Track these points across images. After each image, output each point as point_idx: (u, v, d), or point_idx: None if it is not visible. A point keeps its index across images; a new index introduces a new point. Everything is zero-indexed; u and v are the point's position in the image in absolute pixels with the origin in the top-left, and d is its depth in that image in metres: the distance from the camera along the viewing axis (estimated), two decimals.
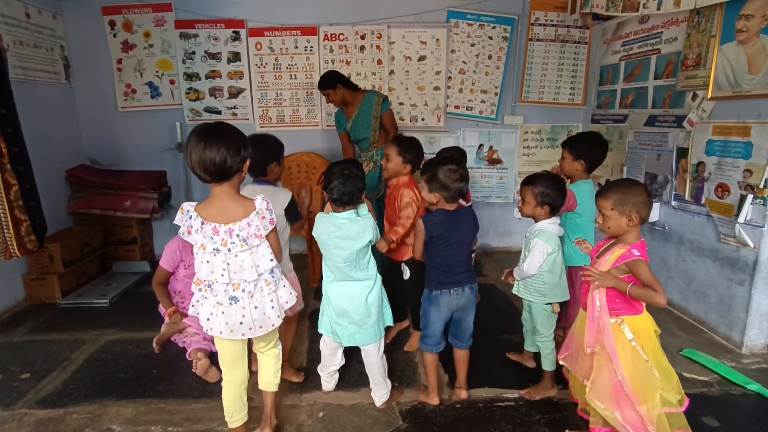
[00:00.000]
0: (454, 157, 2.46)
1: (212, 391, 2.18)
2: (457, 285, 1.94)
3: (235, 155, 1.46)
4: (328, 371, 2.15)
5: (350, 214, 1.91)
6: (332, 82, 3.21)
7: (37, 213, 2.77)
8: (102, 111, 3.97)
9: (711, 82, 2.62)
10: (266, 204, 1.53)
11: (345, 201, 1.88)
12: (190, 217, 1.50)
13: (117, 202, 3.72)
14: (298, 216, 2.06)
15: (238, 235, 1.49)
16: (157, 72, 3.96)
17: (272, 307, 1.59)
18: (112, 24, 3.85)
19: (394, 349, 2.51)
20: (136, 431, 1.94)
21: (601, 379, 1.63)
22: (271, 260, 1.56)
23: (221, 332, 1.56)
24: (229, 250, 1.49)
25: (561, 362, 1.87)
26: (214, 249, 1.49)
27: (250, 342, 1.74)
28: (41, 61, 3.50)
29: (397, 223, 2.30)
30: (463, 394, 2.08)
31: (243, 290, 1.54)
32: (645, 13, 2.90)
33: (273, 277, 1.60)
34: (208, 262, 1.51)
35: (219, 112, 4.03)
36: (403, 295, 2.49)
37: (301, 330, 2.69)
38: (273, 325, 1.61)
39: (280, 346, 1.84)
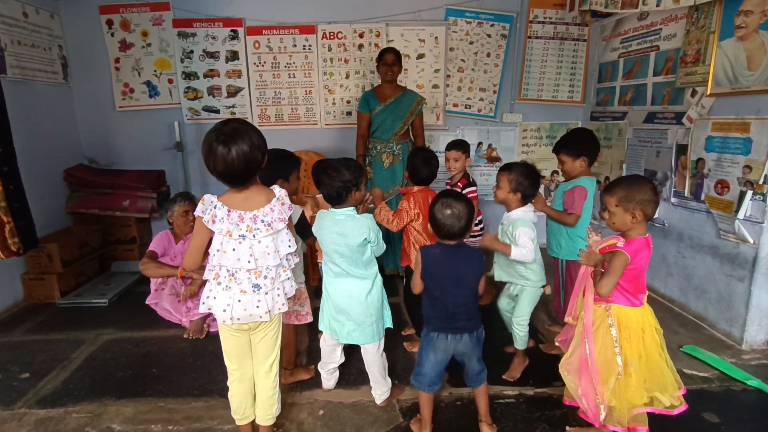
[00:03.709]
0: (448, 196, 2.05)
1: (212, 389, 2.17)
2: (457, 331, 1.75)
3: (255, 155, 1.49)
4: (328, 369, 2.14)
5: (348, 211, 1.90)
6: (401, 60, 3.33)
7: (22, 215, 2.71)
8: (100, 110, 3.96)
9: (710, 79, 2.62)
10: (284, 192, 1.63)
11: (332, 201, 1.91)
12: (215, 207, 1.53)
13: (115, 201, 3.71)
14: (308, 234, 2.07)
15: (262, 221, 1.54)
16: (155, 71, 3.95)
17: (279, 295, 1.64)
18: (110, 23, 3.84)
19: (395, 347, 2.51)
20: (136, 430, 1.94)
21: (576, 352, 1.72)
22: (290, 246, 1.62)
23: (239, 318, 1.59)
24: (254, 236, 1.54)
25: (557, 343, 1.97)
26: (240, 236, 1.53)
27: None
28: (39, 60, 3.50)
29: (392, 216, 2.43)
30: (493, 429, 1.87)
31: (266, 277, 1.59)
32: (644, 9, 2.89)
33: (288, 263, 1.67)
34: (234, 249, 1.54)
35: (218, 111, 4.02)
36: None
37: (301, 329, 2.68)
38: (279, 309, 1.65)
39: (278, 390, 1.78)
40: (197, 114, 4.02)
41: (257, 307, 1.58)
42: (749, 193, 2.37)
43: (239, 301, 1.57)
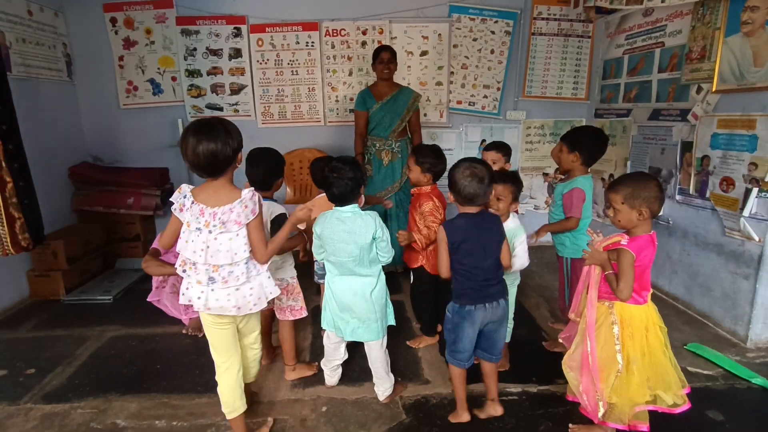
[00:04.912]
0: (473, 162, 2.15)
1: (216, 385, 2.17)
2: (492, 298, 1.79)
3: (225, 149, 1.54)
4: (332, 366, 2.15)
5: (354, 208, 1.91)
6: (396, 57, 3.35)
7: (32, 211, 2.75)
8: (104, 108, 3.97)
9: (716, 75, 2.60)
10: (251, 195, 1.59)
11: (339, 201, 1.90)
12: (185, 196, 1.59)
13: (120, 199, 3.73)
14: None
15: (219, 218, 1.56)
16: (158, 69, 3.96)
17: (251, 295, 1.65)
18: (114, 21, 3.85)
19: (397, 344, 2.51)
20: (140, 425, 1.95)
21: (578, 349, 1.72)
22: (245, 251, 1.60)
23: (211, 308, 1.63)
24: (210, 231, 1.56)
25: (560, 340, 1.96)
26: (196, 228, 1.57)
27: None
28: (43, 58, 3.51)
29: (418, 228, 2.34)
30: (500, 409, 1.93)
31: (219, 274, 1.61)
32: (649, 5, 2.87)
33: (248, 269, 1.64)
34: (192, 241, 1.58)
35: (221, 109, 4.03)
36: (417, 303, 2.54)
37: (303, 326, 2.69)
38: (250, 309, 1.67)
39: (260, 351, 1.91)
40: (201, 111, 4.03)
41: (228, 300, 1.62)
42: (755, 190, 2.36)
43: (212, 290, 1.61)
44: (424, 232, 2.31)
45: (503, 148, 2.60)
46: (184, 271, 1.63)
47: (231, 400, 1.76)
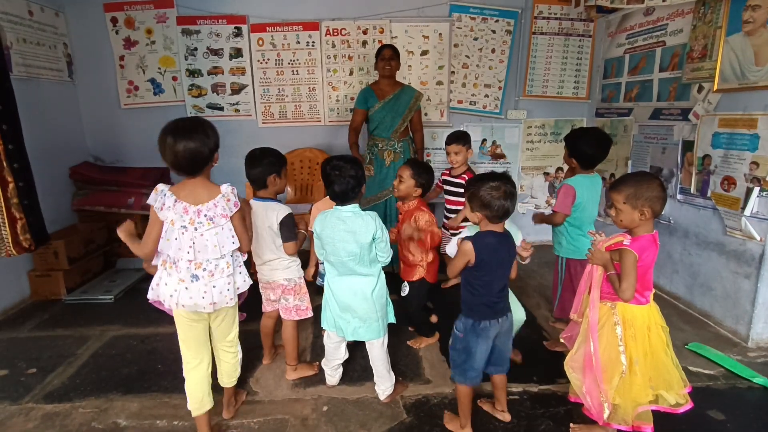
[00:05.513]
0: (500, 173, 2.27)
1: (215, 386, 2.17)
2: (502, 313, 1.79)
3: (202, 148, 1.58)
4: (332, 365, 2.15)
5: (354, 208, 1.91)
6: (399, 55, 3.36)
7: (33, 211, 2.75)
8: (105, 108, 3.97)
9: (717, 74, 2.60)
10: (231, 189, 1.67)
11: (340, 199, 1.90)
12: (164, 195, 1.61)
13: (121, 198, 3.73)
14: (292, 236, 2.05)
15: (205, 215, 1.61)
16: (159, 69, 3.96)
17: (228, 289, 1.69)
18: (114, 21, 3.85)
19: (398, 343, 2.51)
20: (141, 425, 1.95)
21: (580, 350, 1.72)
22: (233, 243, 1.67)
23: (185, 305, 1.65)
24: (196, 228, 1.61)
25: (562, 340, 1.95)
26: (182, 226, 1.60)
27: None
28: (44, 58, 3.51)
29: (419, 246, 2.35)
30: (508, 416, 1.93)
31: (204, 269, 1.64)
32: (650, 4, 2.87)
33: (234, 260, 1.71)
34: (176, 239, 1.60)
35: (221, 108, 4.03)
36: (406, 307, 2.53)
37: (305, 326, 2.69)
38: (227, 303, 1.71)
39: (240, 353, 1.94)
40: (201, 111, 4.03)
41: (203, 297, 1.64)
42: (756, 189, 2.36)
43: (186, 288, 1.63)
44: (429, 249, 2.33)
45: (463, 138, 2.77)
46: (165, 269, 1.65)
47: (199, 396, 1.77)
